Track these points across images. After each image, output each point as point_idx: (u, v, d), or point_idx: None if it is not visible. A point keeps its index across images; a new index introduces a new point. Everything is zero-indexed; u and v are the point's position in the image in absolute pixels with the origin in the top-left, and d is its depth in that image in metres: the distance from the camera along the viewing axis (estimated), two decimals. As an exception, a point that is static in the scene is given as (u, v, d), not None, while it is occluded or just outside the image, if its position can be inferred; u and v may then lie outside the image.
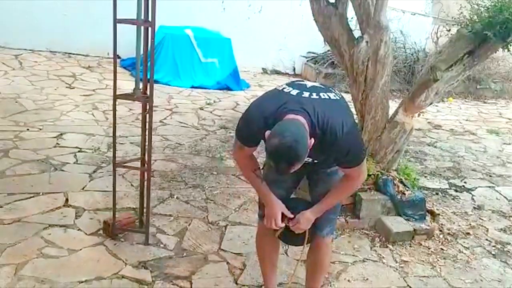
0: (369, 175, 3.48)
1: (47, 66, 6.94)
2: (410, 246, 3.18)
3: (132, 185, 3.57)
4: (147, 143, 2.71)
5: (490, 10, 3.17)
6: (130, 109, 5.27)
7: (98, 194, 3.40)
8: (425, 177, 4.40)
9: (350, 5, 3.52)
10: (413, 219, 3.34)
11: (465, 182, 4.40)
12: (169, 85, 6.88)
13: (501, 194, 4.21)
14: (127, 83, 5.19)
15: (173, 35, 7.12)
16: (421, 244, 3.21)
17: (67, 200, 3.28)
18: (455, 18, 3.45)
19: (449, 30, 3.41)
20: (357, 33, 3.53)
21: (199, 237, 3.02)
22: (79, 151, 4.13)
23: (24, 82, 5.96)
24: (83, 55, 7.74)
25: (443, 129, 6.27)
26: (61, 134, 4.47)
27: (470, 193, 4.18)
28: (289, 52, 8.72)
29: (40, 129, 4.55)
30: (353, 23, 3.90)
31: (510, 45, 3.19)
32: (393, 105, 3.63)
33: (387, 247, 3.15)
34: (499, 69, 8.80)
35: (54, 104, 5.35)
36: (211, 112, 5.91)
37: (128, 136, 4.60)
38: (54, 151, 4.07)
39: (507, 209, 3.91)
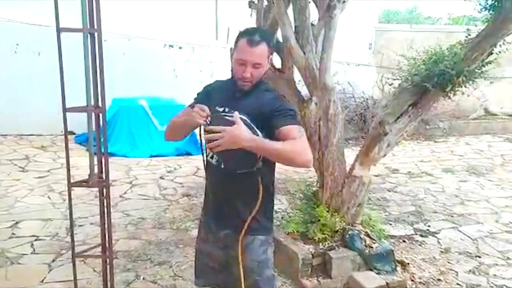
0: (335, 231, 3.49)
1: (-2, 151, 6.76)
2: (385, 301, 3.16)
3: (95, 270, 3.41)
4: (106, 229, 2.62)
5: (426, 63, 3.37)
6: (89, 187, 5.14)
7: (59, 286, 3.22)
8: (390, 224, 4.45)
9: (296, 69, 3.66)
10: (385, 272, 3.34)
11: (429, 226, 4.48)
12: (126, 156, 6.82)
13: (465, 234, 4.30)
14: (82, 160, 5.06)
15: (127, 107, 7.16)
16: (395, 298, 3.20)
17: (25, 296, 3.10)
18: (394, 74, 3.64)
19: (391, 84, 3.57)
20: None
21: (169, 320, 2.89)
22: (36, 240, 3.94)
23: (-26, 171, 5.76)
24: (36, 135, 7.59)
25: (400, 173, 6.43)
26: (16, 223, 4.28)
27: (435, 236, 4.25)
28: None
29: (-7, 220, 4.35)
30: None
31: (450, 93, 3.37)
32: (349, 153, 3.69)
33: (362, 304, 3.11)
34: (445, 108, 9.26)
35: (7, 190, 5.16)
36: (172, 180, 5.85)
37: (88, 216, 4.45)
38: (10, 243, 3.86)
39: (473, 249, 3.98)
